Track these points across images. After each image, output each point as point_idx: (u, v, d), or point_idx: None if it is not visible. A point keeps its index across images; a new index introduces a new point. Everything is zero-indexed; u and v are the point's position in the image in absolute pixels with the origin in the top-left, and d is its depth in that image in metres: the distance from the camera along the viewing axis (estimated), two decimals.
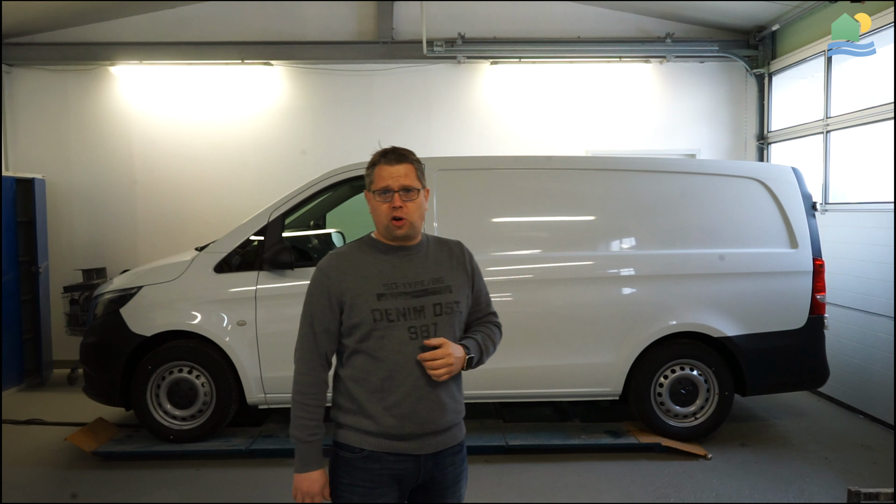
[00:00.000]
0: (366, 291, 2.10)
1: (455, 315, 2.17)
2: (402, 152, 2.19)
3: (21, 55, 7.39)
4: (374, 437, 2.09)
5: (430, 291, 2.14)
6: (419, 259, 2.19)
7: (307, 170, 6.49)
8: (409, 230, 2.14)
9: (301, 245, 5.47)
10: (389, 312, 2.08)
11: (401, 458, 2.10)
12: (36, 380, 6.92)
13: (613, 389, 4.96)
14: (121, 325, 4.83)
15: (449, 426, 2.16)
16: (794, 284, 4.98)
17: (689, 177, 5.14)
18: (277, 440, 4.95)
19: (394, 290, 2.10)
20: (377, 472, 2.10)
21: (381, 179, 2.14)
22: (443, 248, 2.27)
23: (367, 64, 7.51)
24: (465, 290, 2.23)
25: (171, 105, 7.54)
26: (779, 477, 4.43)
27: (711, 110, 7.69)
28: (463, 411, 2.24)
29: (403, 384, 2.07)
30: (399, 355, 2.07)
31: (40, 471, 4.62)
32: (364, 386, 2.10)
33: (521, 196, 5.03)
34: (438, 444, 2.14)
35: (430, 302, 2.12)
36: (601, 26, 7.55)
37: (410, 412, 2.08)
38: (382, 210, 2.14)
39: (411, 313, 2.09)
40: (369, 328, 2.08)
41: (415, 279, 2.14)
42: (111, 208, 7.56)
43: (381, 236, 2.20)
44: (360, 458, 2.10)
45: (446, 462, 2.17)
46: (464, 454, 2.26)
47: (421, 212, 2.18)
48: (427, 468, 2.14)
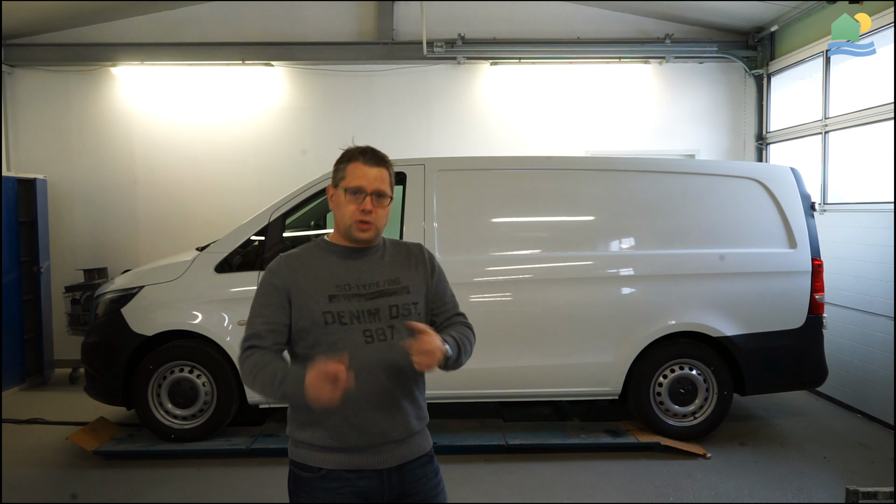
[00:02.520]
0: (316, 292, 1.97)
1: (412, 317, 2.02)
2: (380, 155, 2.06)
3: (22, 56, 7.41)
4: (333, 454, 1.95)
5: (385, 293, 2.02)
6: (374, 260, 2.07)
7: (308, 170, 6.49)
8: (374, 236, 2.04)
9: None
10: (342, 315, 1.95)
11: (362, 474, 1.96)
12: (37, 379, 6.93)
13: (613, 389, 4.97)
14: (122, 325, 4.84)
15: (411, 433, 2.03)
16: (793, 284, 5.00)
17: (689, 177, 5.16)
18: (278, 440, 4.97)
19: (346, 292, 1.98)
20: (338, 492, 1.95)
21: (356, 178, 1.99)
22: (400, 249, 2.15)
23: (367, 64, 7.53)
24: (424, 292, 2.10)
25: (173, 105, 7.56)
26: (778, 476, 4.44)
27: (710, 111, 7.71)
28: (426, 417, 2.11)
29: (361, 391, 1.90)
30: (354, 360, 1.86)
31: (41, 470, 4.64)
32: None
33: (521, 196, 5.04)
34: (403, 455, 2.01)
35: (386, 304, 2.00)
36: (601, 27, 7.56)
37: (369, 420, 1.95)
38: (349, 210, 2.00)
39: (365, 316, 1.97)
40: (320, 332, 1.95)
41: (369, 280, 2.02)
42: (112, 208, 7.57)
43: (338, 237, 2.08)
44: (319, 479, 1.96)
45: (416, 475, 2.04)
46: (435, 466, 2.11)
47: (388, 218, 2.08)
48: (392, 483, 2.00)
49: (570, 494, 4.21)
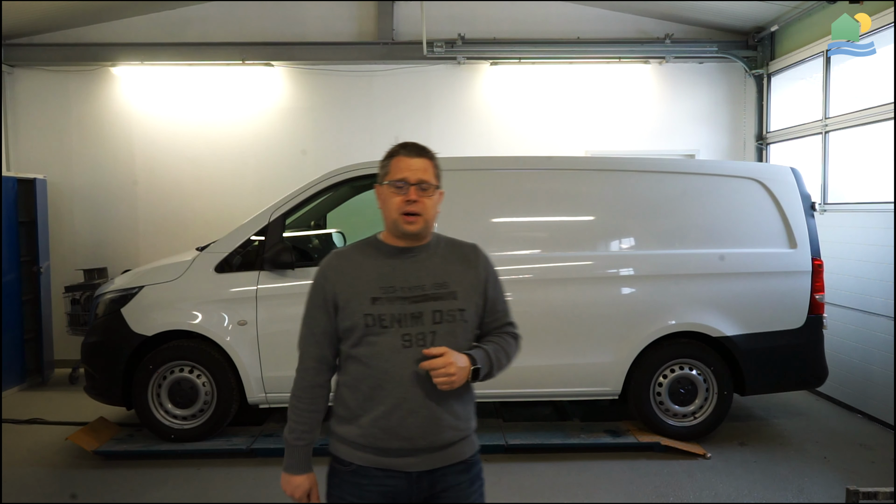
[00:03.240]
0: (360, 294, 1.96)
1: (458, 324, 1.97)
2: (422, 147, 2.06)
3: (22, 56, 7.41)
4: (363, 451, 1.97)
5: (430, 297, 1.97)
6: (423, 261, 2.02)
7: (307, 170, 6.52)
8: (422, 228, 1.99)
9: (302, 245, 5.48)
10: (383, 318, 1.93)
11: (390, 474, 1.96)
12: (37, 379, 6.93)
13: (613, 389, 4.97)
14: (122, 325, 4.84)
15: (444, 444, 1.98)
16: (793, 284, 5.00)
17: (689, 177, 5.16)
18: (278, 440, 4.96)
19: (390, 294, 1.95)
20: (365, 489, 1.97)
21: (398, 171, 1.99)
22: (454, 250, 2.09)
23: (367, 64, 7.53)
24: (475, 299, 2.04)
25: (172, 105, 7.56)
26: (778, 476, 4.44)
27: (710, 111, 7.71)
28: (468, 428, 2.05)
29: (392, 395, 1.92)
30: (389, 364, 1.92)
31: (41, 470, 4.64)
32: (356, 394, 1.98)
33: (521, 196, 5.04)
34: (432, 461, 1.97)
35: (430, 308, 1.95)
36: (601, 27, 7.56)
37: (398, 425, 1.93)
38: (394, 203, 1.97)
39: (407, 319, 1.94)
40: (361, 333, 1.95)
41: (416, 283, 1.98)
42: (112, 208, 7.57)
43: (388, 236, 2.05)
44: (349, 473, 2.00)
45: (448, 482, 1.99)
46: (474, 473, 2.06)
47: (435, 210, 2.04)
48: (421, 486, 1.97)
49: (570, 494, 4.21)
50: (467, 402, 2.06)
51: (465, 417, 2.04)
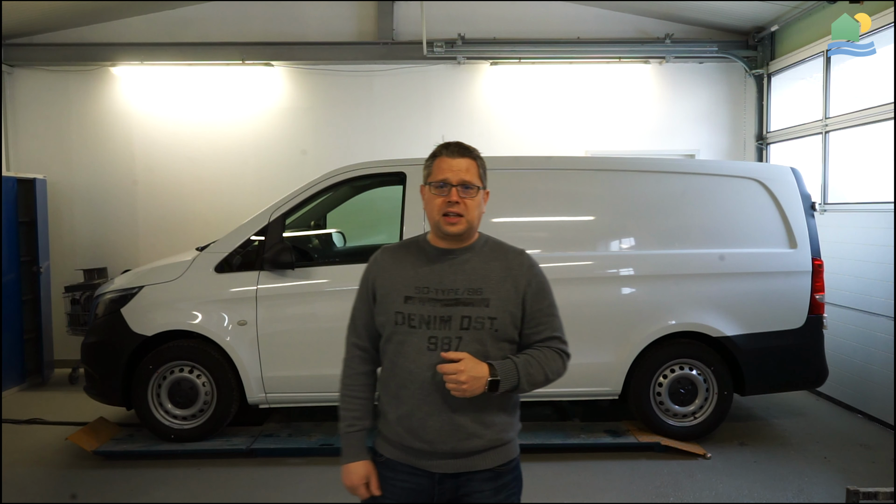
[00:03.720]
0: (395, 291, 1.97)
1: (486, 332, 1.92)
2: (465, 146, 2.04)
3: (22, 56, 7.41)
4: (391, 446, 2.00)
5: (462, 302, 1.93)
6: (462, 265, 1.99)
7: (308, 170, 6.51)
8: (465, 229, 1.97)
9: (302, 245, 5.48)
10: (412, 318, 1.93)
11: (414, 472, 1.97)
12: (37, 379, 6.93)
13: (613, 389, 4.97)
14: (122, 325, 4.84)
15: (469, 451, 1.94)
16: (793, 284, 4.99)
17: (689, 177, 5.16)
18: (278, 439, 4.97)
19: (424, 295, 1.94)
20: (391, 482, 2.00)
21: (440, 171, 1.97)
22: (498, 256, 2.04)
23: (367, 64, 7.52)
24: (510, 308, 1.97)
25: (172, 105, 7.56)
26: (778, 476, 4.44)
27: (710, 111, 7.71)
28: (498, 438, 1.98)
29: (414, 396, 1.93)
30: (413, 364, 1.93)
31: (41, 470, 4.64)
32: (386, 390, 2.01)
33: (521, 196, 5.04)
34: (457, 466, 1.95)
35: (459, 313, 1.92)
36: (601, 27, 7.56)
37: (419, 427, 1.93)
38: (436, 204, 1.96)
39: (436, 322, 1.92)
40: (391, 331, 1.97)
41: (450, 286, 1.95)
42: (112, 208, 7.57)
43: (433, 237, 2.05)
44: (380, 464, 2.03)
45: (473, 487, 1.96)
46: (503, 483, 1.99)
47: (480, 210, 2.02)
48: (444, 488, 1.96)
49: (570, 495, 4.21)
50: (502, 410, 2.00)
51: (495, 426, 1.98)
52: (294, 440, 4.94)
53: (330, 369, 4.80)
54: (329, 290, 4.87)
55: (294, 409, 5.46)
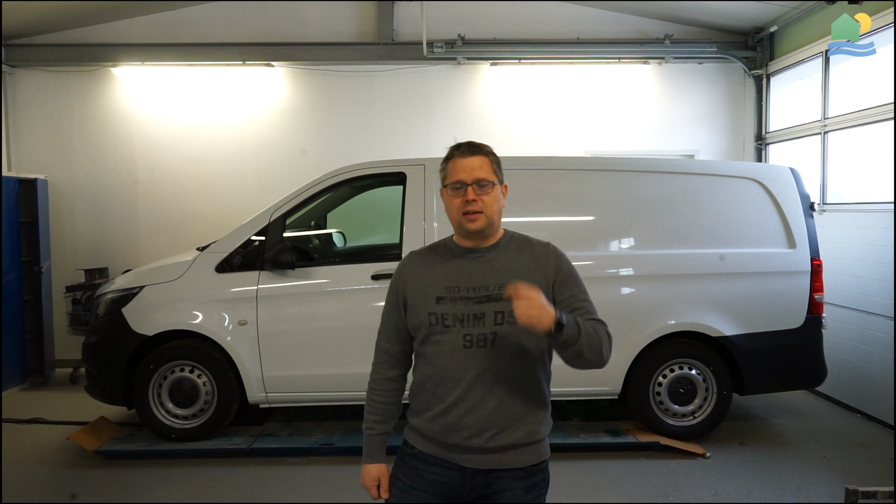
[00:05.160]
0: (427, 293, 2.01)
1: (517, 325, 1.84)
2: (476, 144, 2.05)
3: (23, 56, 7.42)
4: (424, 439, 2.03)
5: (493, 297, 1.94)
6: (490, 261, 2.01)
7: (308, 170, 6.53)
8: (485, 225, 1.99)
9: (302, 245, 5.49)
10: (446, 317, 1.96)
11: (447, 465, 1.99)
12: (38, 379, 6.94)
13: (612, 388, 4.98)
14: (123, 325, 4.85)
15: (502, 447, 1.96)
16: (793, 284, 5.00)
17: (688, 177, 5.17)
18: (278, 439, 4.98)
19: (455, 294, 1.97)
20: (420, 473, 2.02)
21: (454, 173, 2.00)
22: (524, 249, 2.05)
23: (367, 65, 7.53)
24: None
25: (173, 106, 7.57)
26: (777, 476, 4.45)
27: (710, 111, 7.72)
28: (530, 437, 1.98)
29: (451, 393, 1.96)
30: (450, 363, 1.96)
31: (42, 470, 4.65)
32: (423, 390, 2.05)
33: (521, 196, 5.01)
34: (489, 462, 1.97)
35: (492, 309, 1.94)
36: (600, 28, 7.57)
37: (456, 423, 1.96)
38: (455, 205, 2.00)
39: (469, 320, 1.95)
40: (426, 332, 2.00)
41: (480, 283, 1.97)
42: (113, 208, 7.58)
43: (458, 237, 2.08)
44: (410, 455, 2.06)
45: (503, 485, 1.97)
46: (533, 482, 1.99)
47: (499, 206, 2.02)
48: (475, 484, 1.98)
49: (569, 494, 4.21)
50: (536, 408, 2.01)
51: (529, 425, 1.99)
52: (294, 440, 4.95)
53: (330, 369, 4.87)
54: (329, 290, 4.89)
55: (294, 408, 5.47)
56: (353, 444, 4.80)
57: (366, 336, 4.85)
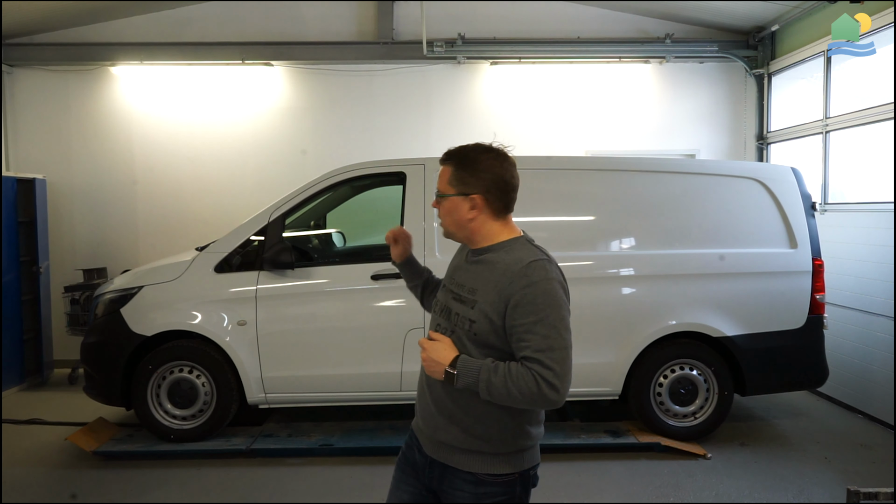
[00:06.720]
0: (445, 279, 2.21)
1: (462, 333, 1.96)
2: (448, 152, 2.06)
3: (22, 55, 7.40)
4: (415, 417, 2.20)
5: (460, 299, 2.03)
6: (475, 265, 2.05)
7: (307, 170, 6.51)
8: (445, 235, 2.13)
9: (301, 245, 5.48)
10: (437, 304, 2.17)
11: (416, 445, 2.14)
12: (37, 379, 6.93)
13: (613, 389, 4.97)
14: (121, 325, 4.84)
15: (444, 443, 2.01)
16: (794, 284, 4.99)
17: (689, 177, 5.15)
18: (278, 440, 4.96)
19: (448, 286, 2.14)
20: (407, 445, 2.20)
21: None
22: (505, 261, 1.96)
23: (367, 64, 7.52)
24: (491, 316, 1.91)
25: (172, 105, 7.56)
26: (778, 476, 4.44)
27: (711, 111, 7.71)
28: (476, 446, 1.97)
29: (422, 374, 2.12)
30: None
31: (41, 470, 4.63)
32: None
33: (521, 196, 4.99)
34: (437, 452, 2.04)
35: (456, 309, 2.02)
36: (601, 27, 7.56)
37: (419, 406, 2.15)
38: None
39: (444, 312, 2.09)
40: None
41: (461, 282, 2.07)
42: (112, 208, 7.57)
43: None
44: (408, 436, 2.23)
45: (453, 484, 2.00)
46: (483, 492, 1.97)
47: (453, 218, 2.02)
48: (433, 473, 2.04)
49: (570, 495, 4.20)
50: (483, 420, 1.96)
51: (474, 432, 1.97)
52: (294, 440, 4.94)
53: (330, 369, 4.86)
54: (329, 290, 4.87)
55: (294, 409, 5.46)
56: (352, 444, 4.77)
57: (366, 336, 4.89)
